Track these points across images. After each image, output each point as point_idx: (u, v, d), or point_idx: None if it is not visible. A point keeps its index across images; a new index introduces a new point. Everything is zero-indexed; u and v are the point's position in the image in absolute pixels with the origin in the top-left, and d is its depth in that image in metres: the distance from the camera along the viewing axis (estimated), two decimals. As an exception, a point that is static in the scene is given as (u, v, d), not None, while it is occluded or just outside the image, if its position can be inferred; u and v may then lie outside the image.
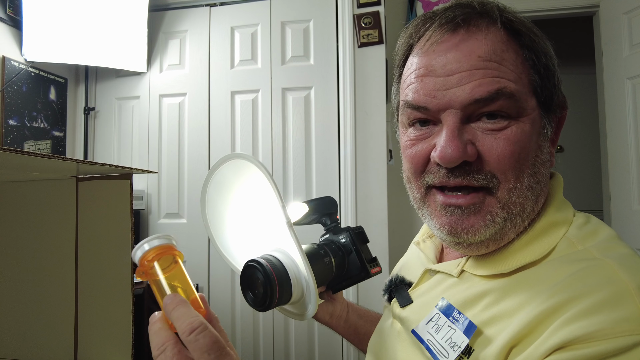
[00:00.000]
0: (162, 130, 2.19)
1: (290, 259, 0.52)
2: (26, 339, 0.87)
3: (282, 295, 0.51)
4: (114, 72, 2.23)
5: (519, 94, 0.43)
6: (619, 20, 1.97)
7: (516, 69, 0.44)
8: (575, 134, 3.18)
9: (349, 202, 1.92)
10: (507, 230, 0.46)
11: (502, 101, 0.43)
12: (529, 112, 0.44)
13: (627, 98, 1.94)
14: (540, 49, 0.47)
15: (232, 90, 2.12)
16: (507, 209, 0.44)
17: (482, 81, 0.43)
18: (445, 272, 0.53)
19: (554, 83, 0.47)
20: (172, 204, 2.15)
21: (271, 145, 2.06)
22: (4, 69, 1.80)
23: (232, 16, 2.15)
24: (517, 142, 0.43)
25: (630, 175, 1.92)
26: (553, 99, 0.47)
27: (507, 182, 0.44)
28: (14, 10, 1.86)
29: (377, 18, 1.95)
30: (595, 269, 0.40)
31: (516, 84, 0.43)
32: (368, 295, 1.88)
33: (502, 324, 0.42)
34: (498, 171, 0.44)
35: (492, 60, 0.43)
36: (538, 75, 0.45)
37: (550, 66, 0.47)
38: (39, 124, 2.01)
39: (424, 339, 0.48)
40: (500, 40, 0.44)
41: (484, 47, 0.43)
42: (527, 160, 0.44)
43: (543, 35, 0.48)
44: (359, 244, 0.66)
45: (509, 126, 0.43)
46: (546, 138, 0.47)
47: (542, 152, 0.45)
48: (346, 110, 1.95)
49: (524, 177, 0.44)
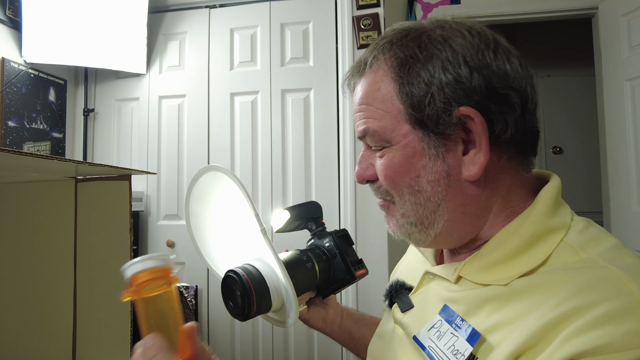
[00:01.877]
0: (161, 132, 2.19)
1: (269, 267, 0.53)
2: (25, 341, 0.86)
3: (261, 304, 0.51)
4: (114, 74, 2.23)
5: (381, 130, 0.50)
6: (618, 22, 1.97)
7: (384, 104, 0.50)
8: (574, 136, 3.19)
9: (348, 203, 1.92)
10: (419, 234, 0.51)
11: (369, 137, 0.51)
12: (399, 140, 0.49)
13: (626, 100, 1.94)
14: (417, 75, 0.47)
15: (232, 91, 2.12)
16: (405, 217, 0.52)
17: (358, 122, 0.53)
18: (443, 276, 0.53)
19: (440, 101, 0.46)
20: (172, 205, 2.15)
21: (270, 146, 2.06)
22: (4, 71, 1.80)
23: (232, 18, 2.15)
24: (388, 166, 0.50)
25: (629, 176, 1.92)
26: (435, 119, 0.46)
27: (395, 197, 0.52)
28: (14, 12, 1.86)
29: (376, 20, 1.95)
30: (603, 279, 0.40)
31: (380, 121, 0.50)
32: (368, 299, 1.88)
33: (505, 331, 0.42)
34: (388, 188, 0.52)
35: (364, 103, 0.52)
36: (409, 103, 0.48)
37: (434, 86, 0.46)
38: (39, 126, 2.00)
39: (425, 345, 0.48)
40: (373, 81, 0.51)
41: (359, 94, 0.53)
42: (403, 181, 0.50)
43: (446, 47, 0.47)
44: (343, 247, 0.65)
45: (384, 154, 0.51)
46: (435, 157, 0.48)
47: (426, 171, 0.48)
48: (345, 111, 1.95)
49: (404, 195, 0.50)
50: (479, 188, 0.49)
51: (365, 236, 1.91)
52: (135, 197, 2.08)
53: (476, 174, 0.47)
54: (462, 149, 0.48)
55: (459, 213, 0.49)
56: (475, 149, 0.47)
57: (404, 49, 0.49)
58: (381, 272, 1.87)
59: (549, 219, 0.47)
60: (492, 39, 0.48)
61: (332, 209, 1.98)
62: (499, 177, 0.49)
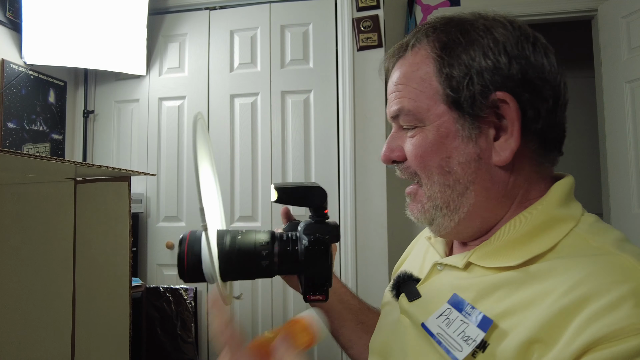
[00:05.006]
0: (161, 134, 2.19)
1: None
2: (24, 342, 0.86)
3: (193, 273, 0.49)
4: (114, 75, 2.23)
5: (416, 109, 0.51)
6: (617, 24, 1.98)
7: (421, 84, 0.51)
8: (574, 137, 3.18)
9: (348, 205, 1.92)
10: (443, 219, 0.52)
11: (403, 116, 0.53)
12: (433, 120, 0.51)
13: (625, 101, 1.95)
14: (458, 58, 0.49)
15: (232, 93, 2.12)
16: (431, 200, 0.52)
17: (393, 102, 0.54)
18: (453, 264, 0.54)
19: (479, 85, 0.48)
20: (171, 207, 2.15)
21: (270, 148, 2.06)
22: (4, 72, 1.80)
23: (232, 19, 2.15)
24: (420, 146, 0.51)
25: (629, 178, 1.92)
26: (472, 101, 0.48)
27: (423, 179, 0.52)
28: (14, 13, 1.86)
29: (376, 22, 1.95)
30: (614, 264, 0.41)
31: (415, 101, 0.51)
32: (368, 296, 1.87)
33: (518, 316, 0.42)
34: (417, 169, 0.53)
35: (400, 83, 0.53)
36: (447, 84, 0.50)
37: (474, 70, 0.48)
38: (38, 127, 2.00)
39: (433, 332, 0.48)
40: (412, 62, 0.53)
41: (396, 74, 0.55)
42: (433, 162, 0.51)
43: (487, 35, 0.49)
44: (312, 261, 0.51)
45: (416, 134, 0.52)
46: (468, 140, 0.49)
47: (457, 153, 0.50)
48: (345, 113, 1.95)
49: (433, 176, 0.51)
50: (506, 174, 0.50)
51: (365, 238, 1.91)
52: (135, 198, 2.07)
53: (506, 159, 0.48)
54: (493, 134, 0.49)
55: (484, 198, 0.50)
56: (506, 135, 0.49)
57: (447, 33, 0.51)
58: (381, 273, 1.86)
59: (558, 209, 0.49)
60: (532, 34, 0.51)
61: (332, 210, 1.98)
62: (524, 166, 0.50)
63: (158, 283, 2.07)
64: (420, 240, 0.71)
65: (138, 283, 1.89)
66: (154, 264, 2.12)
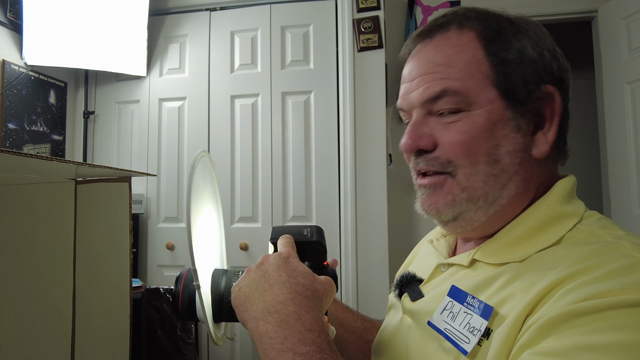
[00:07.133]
0: (161, 135, 2.19)
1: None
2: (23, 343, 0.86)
3: (186, 314, 0.51)
4: (114, 76, 2.23)
5: (465, 91, 0.48)
6: (618, 25, 1.98)
7: (468, 67, 0.49)
8: (574, 138, 3.17)
9: (348, 206, 1.92)
10: (475, 213, 0.50)
11: (449, 98, 0.49)
12: (484, 105, 0.48)
13: (626, 102, 1.95)
14: (510, 44, 0.49)
15: (232, 94, 2.12)
16: (467, 192, 0.49)
17: (431, 84, 0.50)
18: (458, 263, 0.53)
19: (530, 74, 0.49)
20: (172, 208, 2.15)
21: (271, 149, 2.06)
22: (4, 73, 1.80)
23: (232, 20, 2.16)
24: (467, 132, 0.48)
25: (630, 179, 1.91)
26: (525, 90, 0.48)
27: (463, 168, 0.49)
28: (15, 14, 1.86)
29: (376, 22, 1.95)
30: (610, 247, 0.42)
31: (464, 82, 0.48)
32: (368, 302, 1.87)
33: (516, 300, 0.43)
34: (453, 158, 0.49)
35: (442, 64, 0.50)
36: (500, 69, 0.48)
37: (526, 59, 0.49)
38: (39, 128, 2.00)
39: (441, 328, 0.48)
40: (457, 43, 0.50)
41: (435, 54, 0.51)
42: (481, 149, 0.48)
43: (530, 29, 0.50)
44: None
45: (461, 119, 0.49)
46: (517, 129, 0.49)
47: (507, 141, 0.48)
48: (346, 114, 1.95)
49: (479, 164, 0.48)
50: (540, 168, 0.51)
51: (365, 239, 1.91)
52: (135, 199, 2.07)
53: (545, 152, 0.49)
54: (532, 127, 0.50)
55: (523, 190, 0.50)
56: (543, 130, 0.49)
57: (493, 21, 0.51)
58: (381, 274, 1.86)
59: (562, 205, 0.49)
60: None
61: (332, 211, 1.98)
62: (548, 162, 0.51)
63: (158, 284, 2.07)
64: (424, 245, 0.70)
65: (138, 284, 1.89)
66: (154, 264, 2.12)
